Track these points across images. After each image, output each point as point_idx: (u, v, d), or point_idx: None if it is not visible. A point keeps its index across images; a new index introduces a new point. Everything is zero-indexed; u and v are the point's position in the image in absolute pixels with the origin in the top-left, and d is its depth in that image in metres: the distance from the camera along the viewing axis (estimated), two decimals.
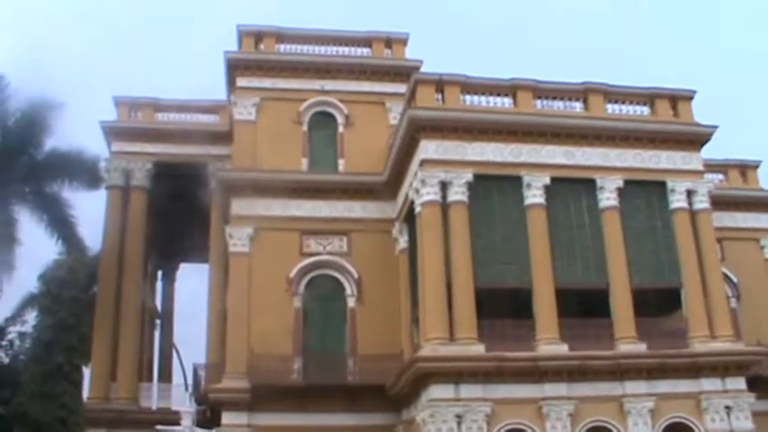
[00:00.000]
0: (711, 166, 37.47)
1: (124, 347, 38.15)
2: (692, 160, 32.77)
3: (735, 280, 37.72)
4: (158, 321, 46.39)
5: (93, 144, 40.53)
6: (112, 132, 41.17)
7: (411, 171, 32.02)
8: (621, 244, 31.05)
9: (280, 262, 34.01)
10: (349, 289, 34.39)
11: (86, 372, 38.49)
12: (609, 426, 29.20)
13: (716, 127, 32.79)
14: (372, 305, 33.98)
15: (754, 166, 41.20)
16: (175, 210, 41.87)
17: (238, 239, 34.39)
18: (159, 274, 48.68)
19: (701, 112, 33.43)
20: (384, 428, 32.70)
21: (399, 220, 34.65)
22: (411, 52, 39.27)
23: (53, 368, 34.48)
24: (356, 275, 34.40)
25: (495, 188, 31.08)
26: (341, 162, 36.61)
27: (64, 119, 36.75)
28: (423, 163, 30.62)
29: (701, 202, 32.30)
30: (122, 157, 40.69)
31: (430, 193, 30.23)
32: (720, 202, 36.28)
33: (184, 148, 40.40)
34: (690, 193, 32.19)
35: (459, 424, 27.82)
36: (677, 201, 32.04)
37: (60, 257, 37.94)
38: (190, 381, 32.90)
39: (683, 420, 29.73)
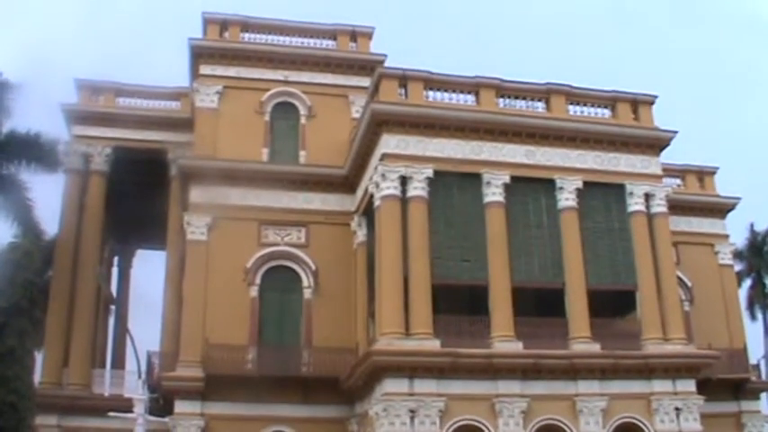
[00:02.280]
0: (670, 171, 37.90)
1: (78, 333, 37.73)
2: (650, 164, 33.16)
3: (689, 284, 38.15)
4: (113, 307, 46.01)
5: (53, 127, 39.99)
6: (73, 116, 40.66)
7: (372, 165, 32.01)
8: (579, 244, 31.34)
9: (237, 251, 33.91)
10: (306, 281, 34.37)
11: (39, 357, 38.08)
12: (561, 424, 29.47)
13: (675, 132, 33.20)
14: (329, 297, 34.03)
15: (712, 172, 41.64)
16: (134, 196, 41.56)
17: (196, 227, 34.20)
18: (115, 259, 48.32)
19: (664, 118, 33.88)
20: (337, 421, 32.82)
21: (358, 213, 34.65)
22: (377, 46, 39.30)
23: (5, 352, 34.00)
24: (313, 267, 34.37)
25: (454, 185, 31.18)
26: (302, 153, 36.51)
27: (23, 101, 36.17)
28: (383, 157, 30.62)
29: (659, 206, 32.69)
30: (82, 141, 40.21)
31: (390, 188, 30.26)
32: (677, 207, 36.77)
33: (145, 133, 40.15)
34: (648, 197, 32.56)
35: (412, 419, 27.92)
36: (635, 204, 32.39)
37: (15, 240, 37.40)
38: (143, 368, 32.60)
39: (634, 420, 30.15)
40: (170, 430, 32.12)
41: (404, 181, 30.39)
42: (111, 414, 30.23)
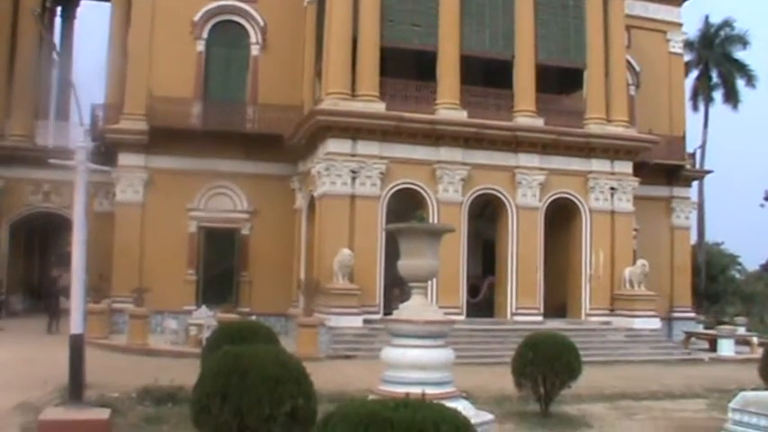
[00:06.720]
0: None
1: (19, 83, 36.80)
2: None
3: (637, 68, 38.00)
4: (56, 58, 44.75)
5: None
6: None
7: None
8: (532, 17, 30.99)
9: (184, 4, 32.97)
10: (254, 36, 33.70)
11: None
12: (499, 194, 30.23)
13: None
14: (276, 55, 33.50)
15: None
16: None
17: None
18: (59, 10, 46.64)
19: None
20: (280, 179, 33.19)
21: None
22: None
23: None
24: (262, 23, 33.61)
25: None
26: None
27: None
28: None
29: None
30: None
31: None
32: None
33: None
34: None
35: (353, 179, 28.40)
36: None
37: None
38: (87, 120, 32.10)
39: (570, 196, 31.05)
40: (113, 182, 32.22)
41: None
42: (52, 161, 29.76)
